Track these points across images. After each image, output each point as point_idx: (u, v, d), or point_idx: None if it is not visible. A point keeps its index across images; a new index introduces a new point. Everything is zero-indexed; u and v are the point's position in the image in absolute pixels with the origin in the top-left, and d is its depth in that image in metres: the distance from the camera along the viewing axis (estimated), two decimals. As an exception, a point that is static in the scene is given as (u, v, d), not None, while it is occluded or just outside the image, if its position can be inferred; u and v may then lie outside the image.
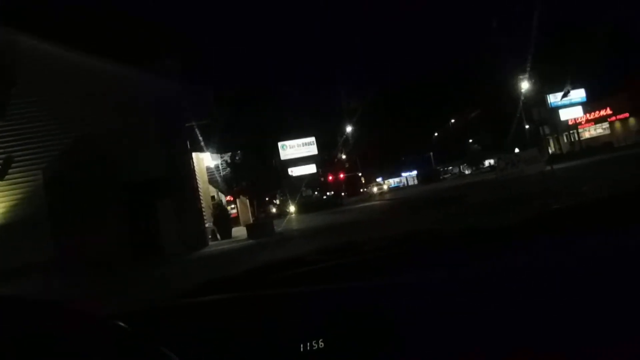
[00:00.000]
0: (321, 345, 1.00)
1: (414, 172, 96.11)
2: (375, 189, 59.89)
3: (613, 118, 51.31)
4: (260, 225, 18.79)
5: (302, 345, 1.00)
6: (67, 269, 11.49)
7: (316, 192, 70.50)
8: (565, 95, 50.38)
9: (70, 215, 13.93)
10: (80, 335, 0.84)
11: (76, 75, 14.89)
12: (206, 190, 22.10)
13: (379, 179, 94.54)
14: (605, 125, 52.69)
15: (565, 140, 56.69)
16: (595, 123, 53.29)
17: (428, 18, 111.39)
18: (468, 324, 1.01)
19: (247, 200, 25.19)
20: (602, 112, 51.79)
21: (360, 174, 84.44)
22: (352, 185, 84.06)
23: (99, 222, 13.91)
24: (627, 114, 49.02)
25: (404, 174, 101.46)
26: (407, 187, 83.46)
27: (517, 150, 33.77)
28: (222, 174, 21.50)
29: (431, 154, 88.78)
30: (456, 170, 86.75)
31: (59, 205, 14.17)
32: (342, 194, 67.80)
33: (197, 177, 18.43)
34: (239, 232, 20.63)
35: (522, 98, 45.33)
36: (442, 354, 0.96)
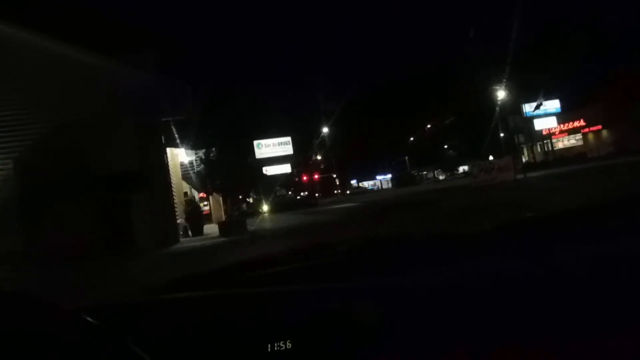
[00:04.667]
0: (289, 346, 0.99)
1: (389, 176, 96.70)
2: None
3: (586, 130, 52.12)
4: (233, 223, 18.71)
5: (270, 346, 0.99)
6: (34, 261, 11.31)
7: (290, 192, 70.66)
8: (537, 108, 51.11)
9: (41, 207, 13.71)
10: (49, 328, 0.82)
11: (51, 65, 14.65)
12: (179, 186, 21.95)
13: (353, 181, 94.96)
14: (579, 136, 53.56)
15: (539, 149, 57.53)
16: (569, 134, 54.15)
17: (407, 23, 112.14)
18: (441, 325, 1.01)
19: (221, 198, 25.07)
20: (576, 124, 52.62)
21: (334, 176, 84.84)
22: (326, 186, 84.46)
23: (69, 214, 13.73)
24: (600, 126, 49.85)
25: (378, 177, 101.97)
26: (381, 190, 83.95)
27: (491, 157, 34.13)
28: (196, 170, 21.34)
29: (406, 157, 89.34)
30: (431, 175, 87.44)
31: (29, 196, 13.93)
32: (316, 194, 68.04)
33: (170, 173, 18.29)
34: (211, 229, 20.50)
35: (498, 106, 45.83)
36: (417, 356, 0.95)
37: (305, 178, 76.46)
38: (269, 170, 56.78)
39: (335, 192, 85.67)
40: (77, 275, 9.35)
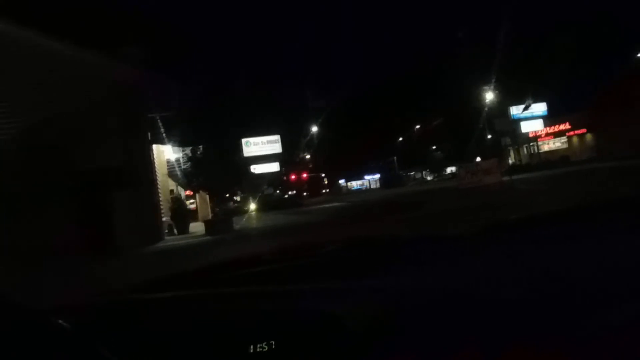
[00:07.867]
0: (273, 346, 0.96)
1: (377, 176, 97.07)
2: None
3: (571, 133, 52.80)
4: (219, 222, 18.67)
5: (251, 347, 0.96)
6: (9, 259, 11.14)
7: (278, 191, 70.70)
8: (526, 109, 51.62)
9: (18, 203, 13.46)
10: (14, 332, 0.77)
11: (32, 56, 14.38)
12: (165, 183, 21.86)
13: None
14: (564, 139, 54.18)
15: (525, 152, 58.03)
16: (555, 137, 54.73)
17: (397, 25, 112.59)
18: (438, 327, 1.00)
19: (207, 196, 25.02)
20: (562, 127, 53.25)
21: (323, 175, 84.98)
22: (314, 185, 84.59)
23: (48, 211, 13.50)
24: (584, 130, 50.47)
25: (367, 177, 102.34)
26: (368, 190, 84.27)
27: (478, 159, 34.38)
28: (182, 167, 21.25)
29: (395, 158, 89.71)
30: (419, 175, 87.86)
31: (5, 191, 13.67)
32: (304, 193, 68.17)
33: (156, 170, 18.21)
34: (197, 227, 20.44)
35: (485, 108, 46.20)
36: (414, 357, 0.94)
37: (293, 177, 76.51)
38: (257, 169, 56.63)
39: (324, 191, 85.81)
40: (51, 273, 9.18)
